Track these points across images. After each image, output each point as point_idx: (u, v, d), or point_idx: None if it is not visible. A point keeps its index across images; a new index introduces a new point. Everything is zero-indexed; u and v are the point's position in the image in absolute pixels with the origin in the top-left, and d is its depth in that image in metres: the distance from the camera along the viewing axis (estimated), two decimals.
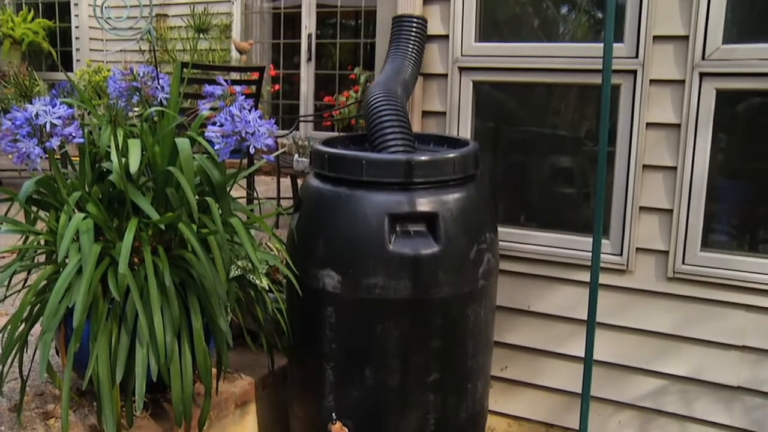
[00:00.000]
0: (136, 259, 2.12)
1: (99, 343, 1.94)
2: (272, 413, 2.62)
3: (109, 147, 2.12)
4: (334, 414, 2.22)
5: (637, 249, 2.56)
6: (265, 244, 2.62)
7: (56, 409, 2.20)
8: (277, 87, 7.52)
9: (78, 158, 2.18)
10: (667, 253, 2.52)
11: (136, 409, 2.01)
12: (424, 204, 2.12)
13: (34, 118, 1.91)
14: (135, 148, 2.08)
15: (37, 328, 2.02)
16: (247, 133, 2.03)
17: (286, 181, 4.71)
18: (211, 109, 2.23)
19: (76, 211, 2.04)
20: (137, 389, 1.94)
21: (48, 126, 1.92)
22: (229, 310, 2.15)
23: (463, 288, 2.18)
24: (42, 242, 2.18)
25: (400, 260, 2.09)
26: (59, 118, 1.94)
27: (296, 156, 4.38)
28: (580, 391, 1.99)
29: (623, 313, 2.61)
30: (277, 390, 2.62)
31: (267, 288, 2.25)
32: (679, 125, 2.44)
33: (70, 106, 2.02)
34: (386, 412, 2.21)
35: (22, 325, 2.06)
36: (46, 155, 1.95)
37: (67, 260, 1.97)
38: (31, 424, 2.13)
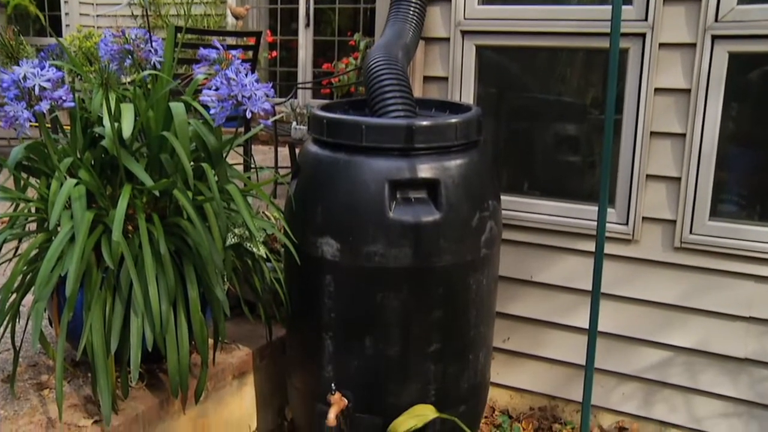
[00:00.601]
0: (130, 227, 2.07)
1: (93, 312, 1.90)
2: (270, 384, 2.60)
3: (101, 111, 2.06)
4: (333, 384, 2.19)
5: (644, 218, 2.51)
6: (263, 212, 2.57)
7: (50, 380, 2.17)
8: (274, 54, 7.40)
9: (69, 126, 2.12)
10: (674, 222, 2.46)
11: (131, 380, 1.98)
12: (425, 170, 2.06)
13: (21, 81, 1.85)
14: (128, 112, 2.02)
15: (29, 298, 1.98)
16: (243, 96, 1.97)
17: (284, 151, 4.64)
18: (206, 76, 2.16)
19: (67, 177, 1.98)
20: (132, 359, 1.91)
21: (37, 89, 1.86)
22: (225, 279, 2.12)
23: (465, 256, 2.13)
24: (33, 210, 2.14)
25: (401, 228, 2.04)
26: (48, 80, 1.88)
27: (294, 124, 4.30)
28: (583, 362, 1.95)
29: (628, 283, 2.57)
30: (276, 361, 2.58)
31: (265, 257, 2.21)
32: (689, 90, 2.37)
33: (60, 69, 1.95)
34: (386, 382, 2.18)
35: (14, 296, 2.02)
36: (36, 120, 1.88)
37: (58, 228, 1.93)
38: (24, 394, 2.09)
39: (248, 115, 1.97)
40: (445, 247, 2.08)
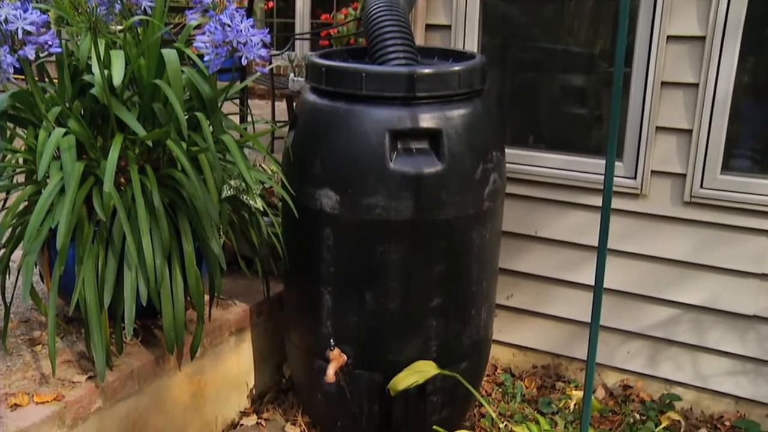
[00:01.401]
0: (122, 179, 2.01)
1: (85, 266, 1.85)
2: (268, 341, 2.55)
3: (90, 58, 1.97)
4: (332, 340, 2.14)
5: (652, 172, 2.43)
6: (260, 165, 2.49)
7: (43, 336, 2.13)
8: (270, 4, 7.25)
9: (58, 79, 2.03)
10: (684, 176, 2.39)
11: (125, 336, 1.94)
12: (427, 120, 1.99)
13: (3, 24, 1.76)
14: (118, 59, 1.94)
15: (18, 253, 1.92)
16: (238, 42, 1.88)
17: (281, 105, 4.55)
18: (199, 23, 2.08)
19: (55, 127, 1.91)
20: (126, 314, 1.86)
21: (20, 32, 1.77)
22: (221, 233, 2.06)
23: (467, 209, 2.06)
24: (20, 161, 2.07)
25: (402, 179, 1.97)
26: (32, 24, 1.79)
27: (291, 75, 4.19)
28: (588, 320, 1.90)
29: (636, 238, 2.50)
30: (273, 317, 2.54)
31: (262, 210, 2.15)
32: (703, 38, 2.27)
33: (44, 12, 1.86)
34: (387, 337, 2.13)
35: (2, 250, 1.96)
36: (20, 67, 1.80)
37: (48, 180, 1.86)
38: (17, 350, 2.05)
39: (243, 62, 1.90)
40: (447, 199, 2.02)
